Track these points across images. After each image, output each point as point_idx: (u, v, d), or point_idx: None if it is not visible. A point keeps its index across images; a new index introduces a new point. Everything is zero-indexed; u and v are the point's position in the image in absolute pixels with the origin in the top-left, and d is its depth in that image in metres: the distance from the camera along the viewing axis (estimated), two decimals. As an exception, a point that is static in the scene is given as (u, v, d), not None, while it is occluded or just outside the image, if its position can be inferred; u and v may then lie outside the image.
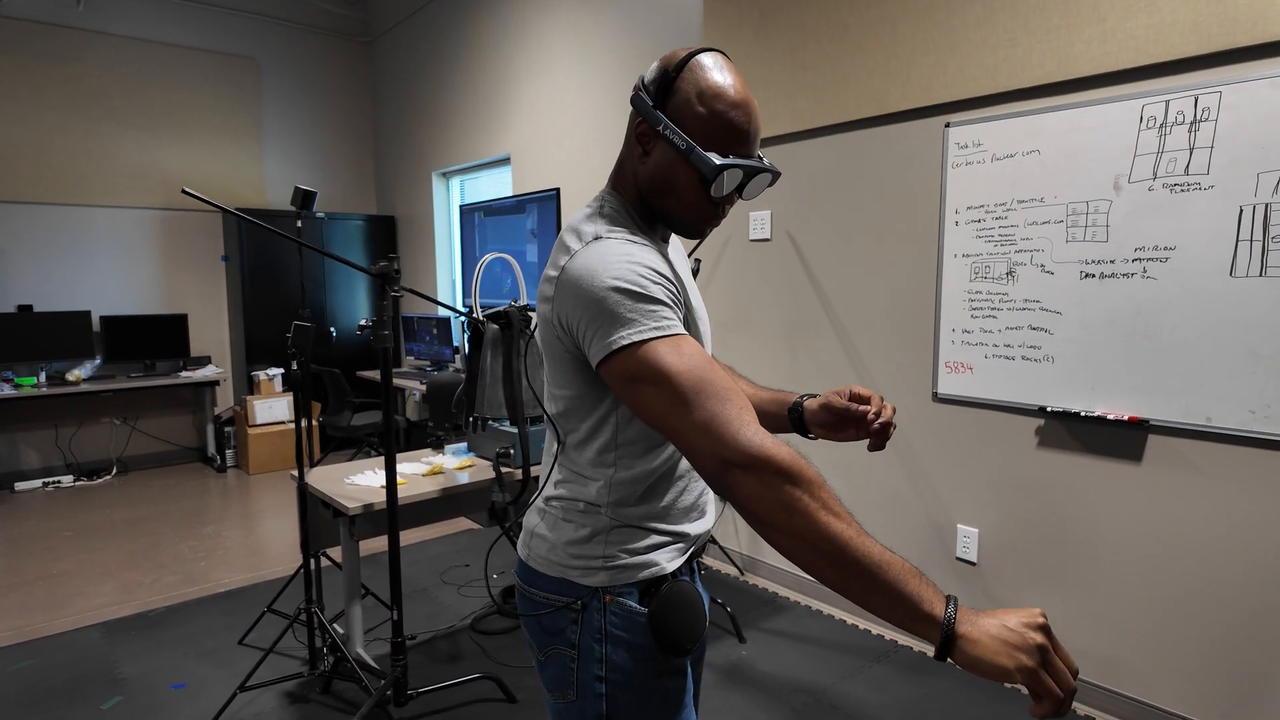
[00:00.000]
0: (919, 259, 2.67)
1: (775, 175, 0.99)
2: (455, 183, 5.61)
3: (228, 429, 5.41)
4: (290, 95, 5.88)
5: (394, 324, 6.10)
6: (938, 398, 2.66)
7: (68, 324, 4.94)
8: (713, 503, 1.12)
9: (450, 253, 5.65)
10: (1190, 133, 2.01)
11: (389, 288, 1.95)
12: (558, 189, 4.13)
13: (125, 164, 5.21)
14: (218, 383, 5.38)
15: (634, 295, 0.87)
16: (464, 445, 2.82)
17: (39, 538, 3.95)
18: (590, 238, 0.94)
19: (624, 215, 1.01)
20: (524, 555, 1.07)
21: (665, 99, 0.95)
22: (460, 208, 4.97)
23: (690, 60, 0.94)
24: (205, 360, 5.51)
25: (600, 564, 1.00)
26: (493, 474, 2.48)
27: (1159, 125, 2.06)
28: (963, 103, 2.50)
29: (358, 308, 5.89)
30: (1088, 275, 2.23)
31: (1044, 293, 2.33)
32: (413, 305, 6.07)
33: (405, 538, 3.92)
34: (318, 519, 2.48)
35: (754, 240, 3.25)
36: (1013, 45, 2.33)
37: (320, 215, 5.70)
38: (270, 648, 2.41)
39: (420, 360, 5.50)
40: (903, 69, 2.62)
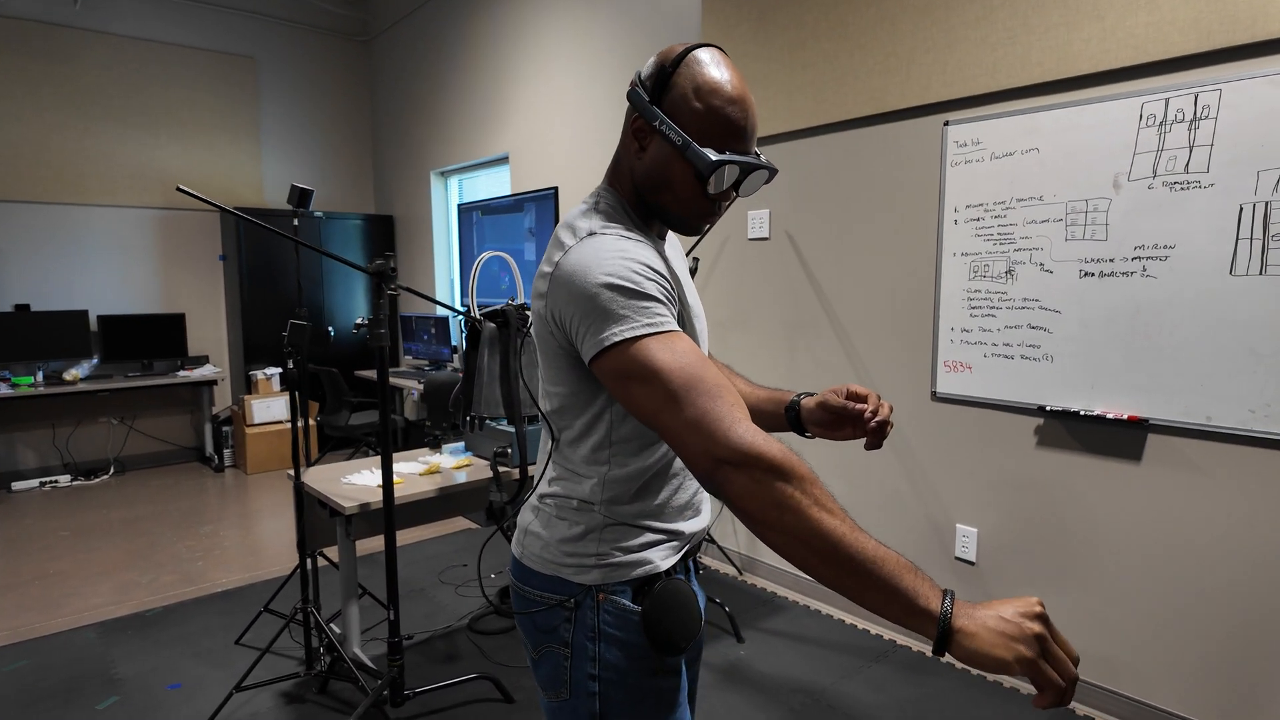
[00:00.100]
0: (918, 258, 2.67)
1: (772, 172, 0.98)
2: (453, 182, 5.60)
3: (225, 429, 5.40)
4: (289, 94, 5.87)
5: (391, 323, 6.10)
6: (936, 397, 2.65)
7: (65, 323, 4.93)
8: (708, 501, 1.11)
9: (448, 252, 5.64)
10: (1190, 130, 2.00)
11: (385, 286, 1.95)
12: (556, 188, 4.12)
13: (123, 163, 5.20)
14: (215, 382, 5.37)
15: (627, 291, 0.86)
16: (461, 445, 2.81)
17: (36, 538, 3.94)
18: (584, 233, 0.93)
19: (620, 211, 1.00)
20: (518, 553, 1.06)
21: (662, 94, 0.94)
22: (458, 207, 4.96)
23: (687, 55, 0.94)
24: (203, 360, 5.50)
25: (594, 562, 0.99)
26: (490, 473, 2.47)
27: (1159, 123, 2.05)
28: (962, 101, 2.49)
29: (356, 307, 5.87)
30: (1087, 274, 2.22)
31: (1043, 291, 2.32)
32: (411, 305, 6.06)
33: (402, 537, 3.91)
34: (314, 519, 2.47)
35: (752, 239, 3.24)
36: (1012, 43, 2.33)
37: (318, 214, 5.68)
38: (266, 648, 2.40)
39: (418, 360, 5.49)
40: (902, 67, 2.61)
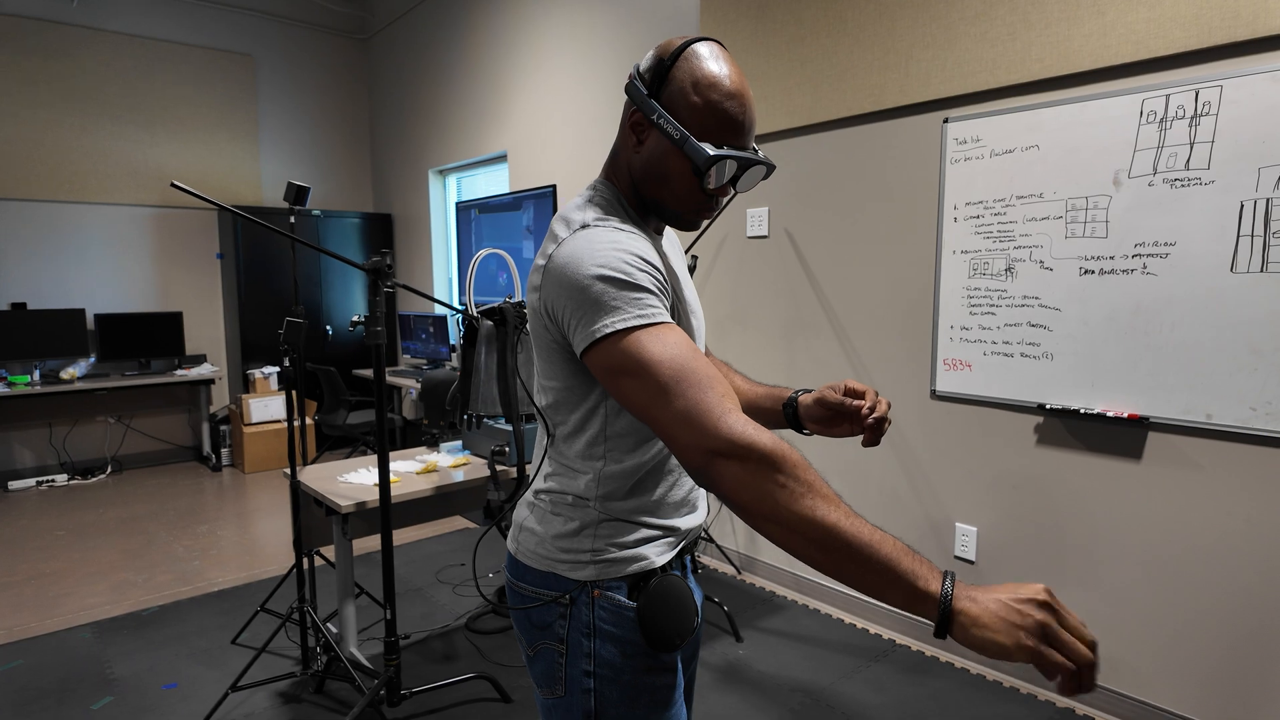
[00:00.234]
0: (917, 256, 2.66)
1: (770, 168, 0.97)
2: (452, 180, 5.58)
3: (223, 427, 5.39)
4: (286, 92, 5.86)
5: (389, 322, 6.08)
6: (936, 395, 2.64)
7: (62, 322, 4.91)
8: (704, 497, 1.10)
9: (447, 250, 5.63)
10: (1191, 127, 1.99)
11: (381, 283, 1.93)
12: (554, 186, 4.11)
13: (120, 161, 5.18)
14: (213, 381, 5.35)
15: (619, 283, 0.85)
16: (459, 443, 2.80)
17: (32, 537, 3.92)
18: (578, 225, 0.93)
19: (616, 205, 0.99)
20: (513, 549, 1.06)
21: (660, 88, 0.93)
22: (456, 205, 4.95)
23: (686, 49, 0.93)
24: (201, 359, 5.49)
25: (589, 558, 0.98)
26: (488, 472, 2.46)
27: (1159, 120, 2.04)
28: (961, 98, 2.48)
29: (354, 306, 5.86)
30: (1087, 271, 2.21)
31: (1043, 289, 2.31)
32: (409, 303, 6.05)
33: (400, 537, 3.89)
34: (311, 518, 2.46)
35: (751, 237, 3.23)
36: (1012, 39, 2.31)
37: (316, 213, 5.67)
38: (263, 647, 2.39)
39: (416, 359, 5.47)
40: (901, 63, 2.60)
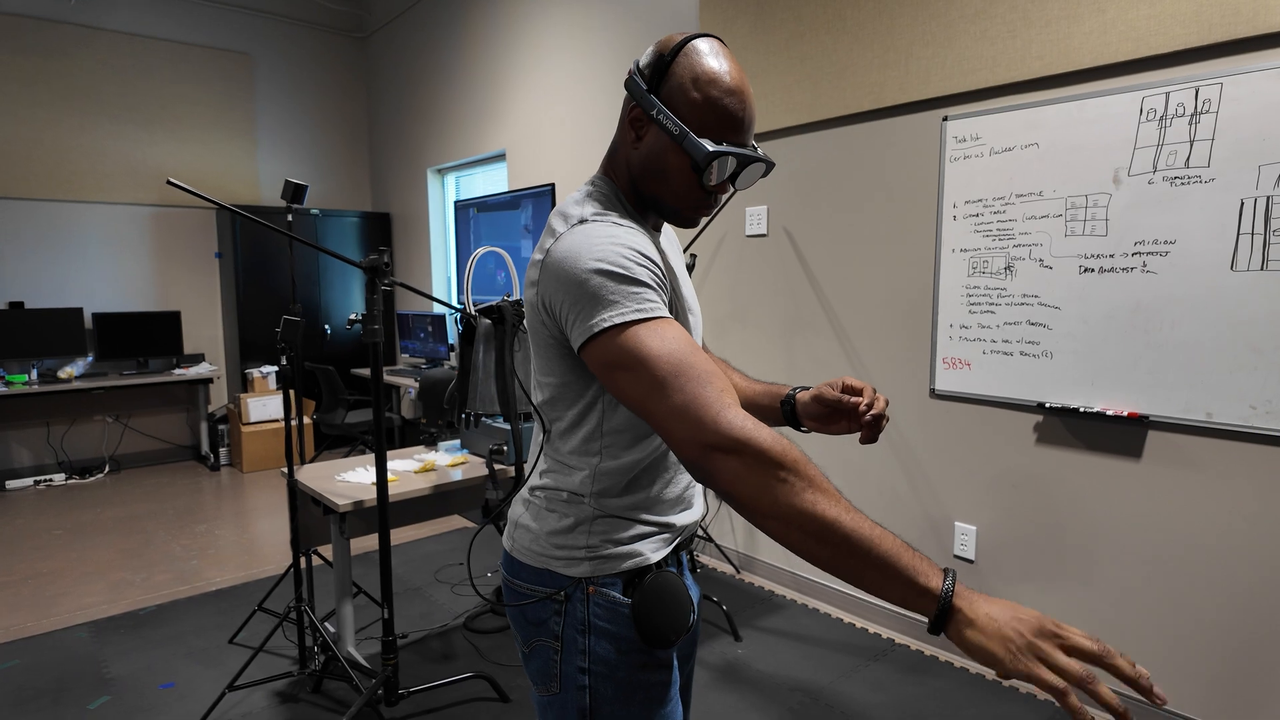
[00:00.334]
0: (916, 254, 2.65)
1: (769, 165, 0.97)
2: (450, 179, 5.58)
3: (221, 427, 5.38)
4: (284, 91, 5.85)
5: (387, 321, 6.08)
6: (935, 394, 2.63)
7: (59, 321, 4.90)
8: (700, 494, 1.10)
9: (445, 249, 5.62)
10: (1191, 125, 1.98)
11: (379, 281, 1.93)
12: (553, 184, 4.10)
13: (118, 160, 5.17)
14: (211, 380, 5.35)
15: (617, 277, 0.85)
16: (457, 442, 2.79)
17: (29, 536, 3.91)
18: (576, 220, 0.92)
19: (614, 201, 0.99)
20: (508, 546, 1.05)
21: (660, 84, 0.93)
22: (455, 204, 4.94)
23: (686, 45, 0.92)
24: (199, 358, 5.48)
25: (584, 554, 0.98)
26: (486, 471, 2.45)
27: (1159, 117, 2.03)
28: (961, 95, 2.47)
29: (352, 305, 5.85)
30: (1087, 270, 2.21)
31: (1043, 287, 2.31)
32: (407, 303, 6.04)
33: (398, 536, 3.89)
34: (309, 517, 2.45)
35: (750, 236, 3.22)
36: (1012, 37, 2.31)
37: (315, 212, 5.66)
38: (260, 646, 2.38)
39: (415, 358, 5.46)
40: (900, 61, 2.59)
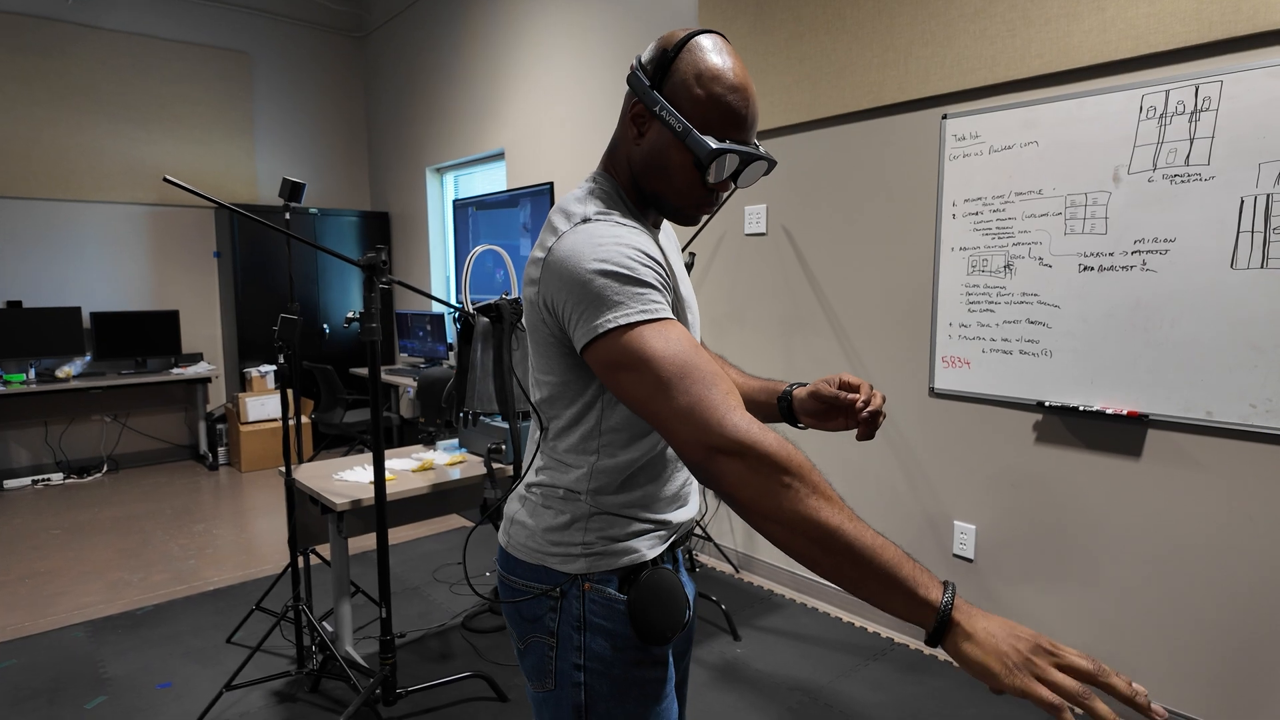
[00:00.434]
0: (915, 253, 2.64)
1: (771, 163, 0.97)
2: (449, 178, 5.57)
3: (220, 426, 5.37)
4: (283, 90, 5.84)
5: (386, 320, 6.07)
6: (934, 393, 2.63)
7: (57, 320, 4.89)
8: (695, 491, 1.10)
9: (444, 249, 5.61)
10: (1190, 123, 1.98)
11: (376, 279, 1.92)
12: (551, 183, 4.09)
13: (116, 159, 5.16)
14: (210, 380, 5.34)
15: (621, 278, 0.84)
16: (455, 441, 2.79)
17: (26, 536, 3.90)
18: (579, 219, 0.92)
19: (616, 198, 0.98)
20: (504, 542, 1.05)
21: (662, 80, 0.92)
22: (454, 203, 4.93)
23: (689, 41, 0.92)
24: (197, 357, 5.47)
25: (580, 551, 0.98)
26: (484, 470, 2.44)
27: (1159, 115, 2.03)
28: (960, 94, 2.47)
29: (351, 304, 5.84)
30: (1086, 268, 2.20)
31: (1042, 286, 2.30)
32: (406, 302, 6.03)
33: (396, 535, 3.88)
34: (306, 516, 2.44)
35: (749, 235, 3.22)
36: (1011, 35, 2.30)
37: (313, 211, 5.65)
38: (257, 646, 2.37)
39: (414, 357, 5.46)
40: (900, 60, 2.59)
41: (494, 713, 2.28)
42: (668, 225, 1.14)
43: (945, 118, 2.48)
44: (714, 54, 0.91)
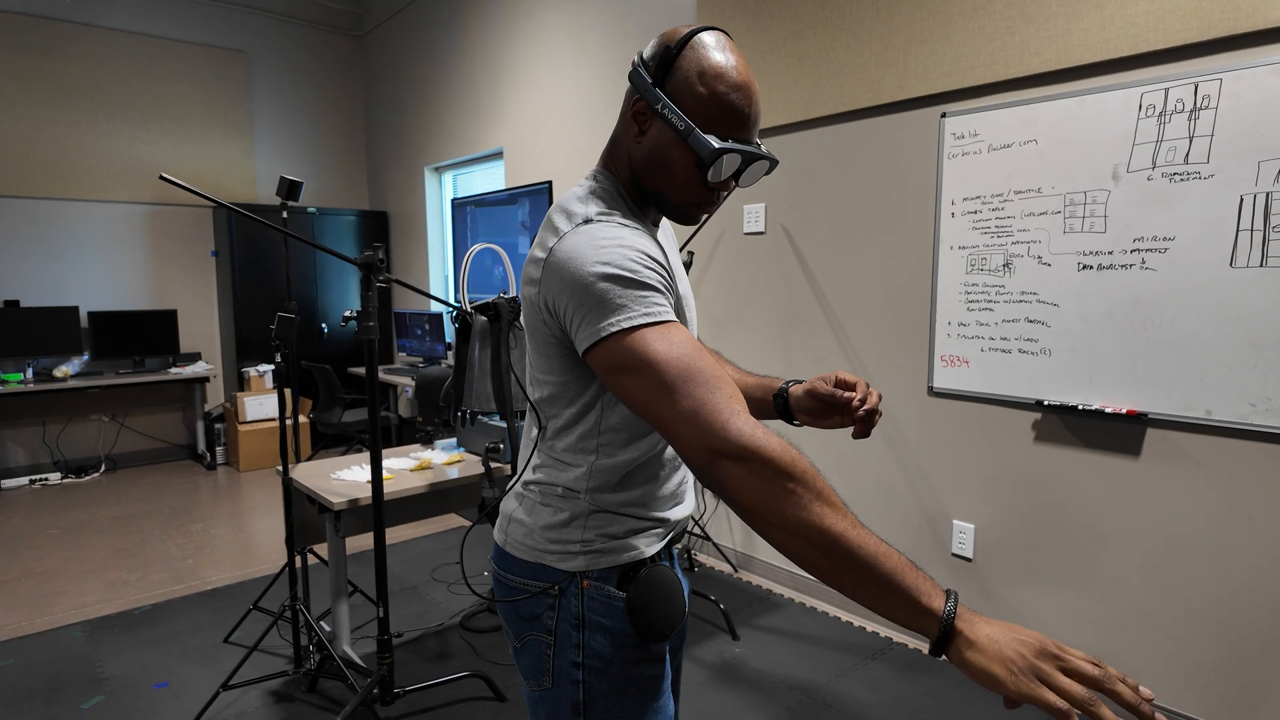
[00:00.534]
0: (914, 251, 2.64)
1: (773, 163, 0.96)
2: (448, 177, 5.56)
3: (218, 426, 5.36)
4: (281, 89, 5.83)
5: (385, 319, 6.06)
6: (933, 392, 2.62)
7: (55, 319, 4.88)
8: (691, 489, 1.10)
9: (443, 248, 5.61)
10: (1190, 121, 1.97)
11: (374, 277, 1.91)
12: (550, 182, 4.09)
13: (114, 158, 5.15)
14: (208, 379, 5.33)
15: (624, 281, 0.84)
16: (454, 440, 2.78)
17: (24, 535, 3.89)
18: (581, 220, 0.91)
19: (617, 198, 0.97)
20: (500, 541, 1.05)
21: (664, 77, 0.91)
22: (452, 202, 4.93)
23: (692, 38, 0.91)
24: (195, 356, 5.46)
25: (578, 548, 0.97)
26: (482, 469, 2.44)
27: (1158, 113, 2.02)
28: (959, 92, 2.47)
29: (350, 304, 5.84)
30: (1085, 267, 2.20)
31: (1041, 285, 2.30)
32: (405, 301, 6.03)
33: (395, 535, 3.87)
34: (304, 515, 2.44)
35: (748, 234, 3.21)
36: (1010, 33, 2.30)
37: (311, 210, 5.64)
38: (254, 646, 2.37)
39: (412, 357, 5.45)
40: (898, 58, 2.58)
41: (492, 713, 2.27)
42: (666, 223, 1.13)
43: (944, 116, 2.48)
44: (717, 51, 0.90)
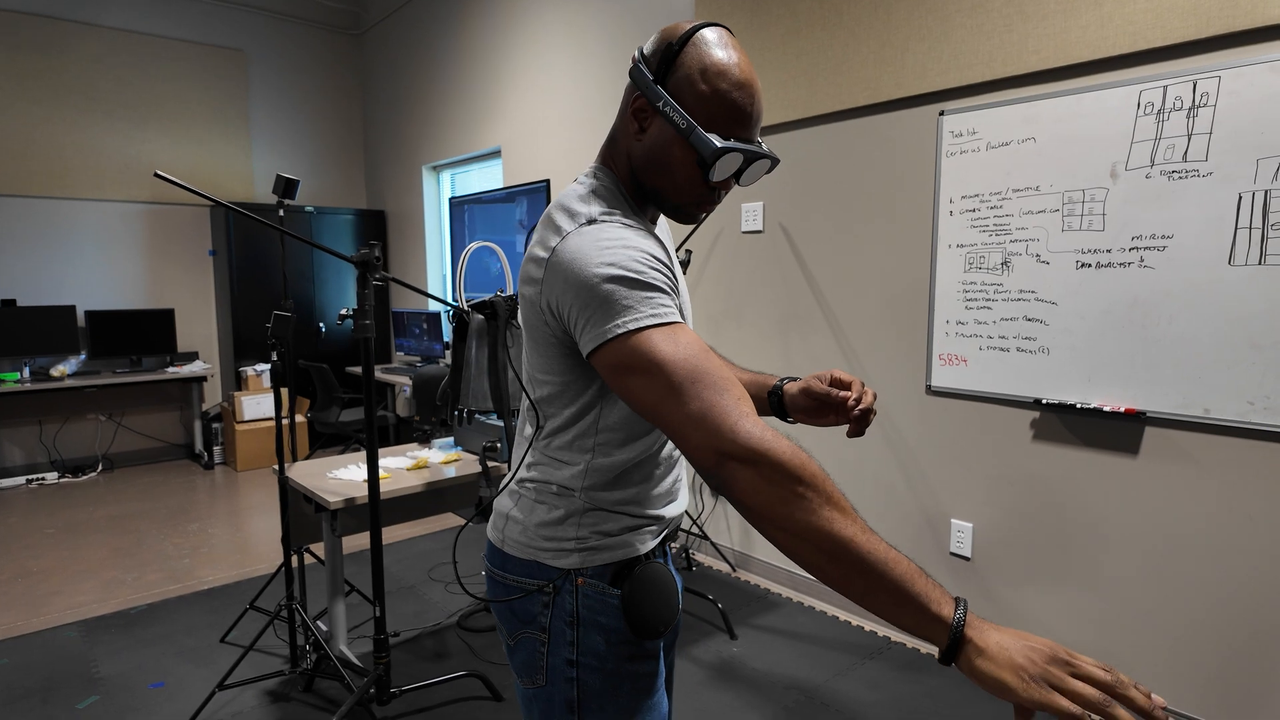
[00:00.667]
0: (913, 250, 2.63)
1: (774, 162, 0.95)
2: (446, 176, 5.55)
3: (215, 425, 5.35)
4: (279, 88, 5.82)
5: (383, 318, 6.05)
6: (931, 390, 2.62)
7: (52, 319, 4.87)
8: (685, 486, 1.09)
9: (441, 247, 5.60)
10: (1188, 118, 1.97)
11: (370, 276, 1.91)
12: (548, 180, 4.08)
13: (111, 157, 5.14)
14: (205, 379, 5.32)
15: (630, 282, 0.83)
16: (451, 439, 2.77)
17: (20, 535, 3.88)
18: (584, 220, 0.89)
19: (618, 196, 0.96)
20: (495, 539, 1.04)
21: (666, 74, 0.90)
22: (450, 200, 4.92)
23: (694, 34, 0.89)
24: (193, 356, 5.45)
25: (573, 545, 0.97)
26: (479, 468, 2.43)
27: (1156, 111, 2.02)
28: (957, 90, 2.46)
29: (347, 303, 5.82)
30: (1084, 265, 2.19)
31: (1039, 283, 2.29)
32: (403, 300, 6.02)
33: (392, 534, 3.87)
34: (300, 514, 2.43)
35: (746, 232, 3.21)
36: (1008, 31, 2.29)
37: (309, 209, 5.63)
38: (250, 645, 2.36)
39: (410, 356, 5.44)
40: (896, 56, 2.58)
41: (489, 712, 2.27)
42: (663, 221, 1.13)
43: (942, 114, 2.47)
44: (719, 48, 0.89)
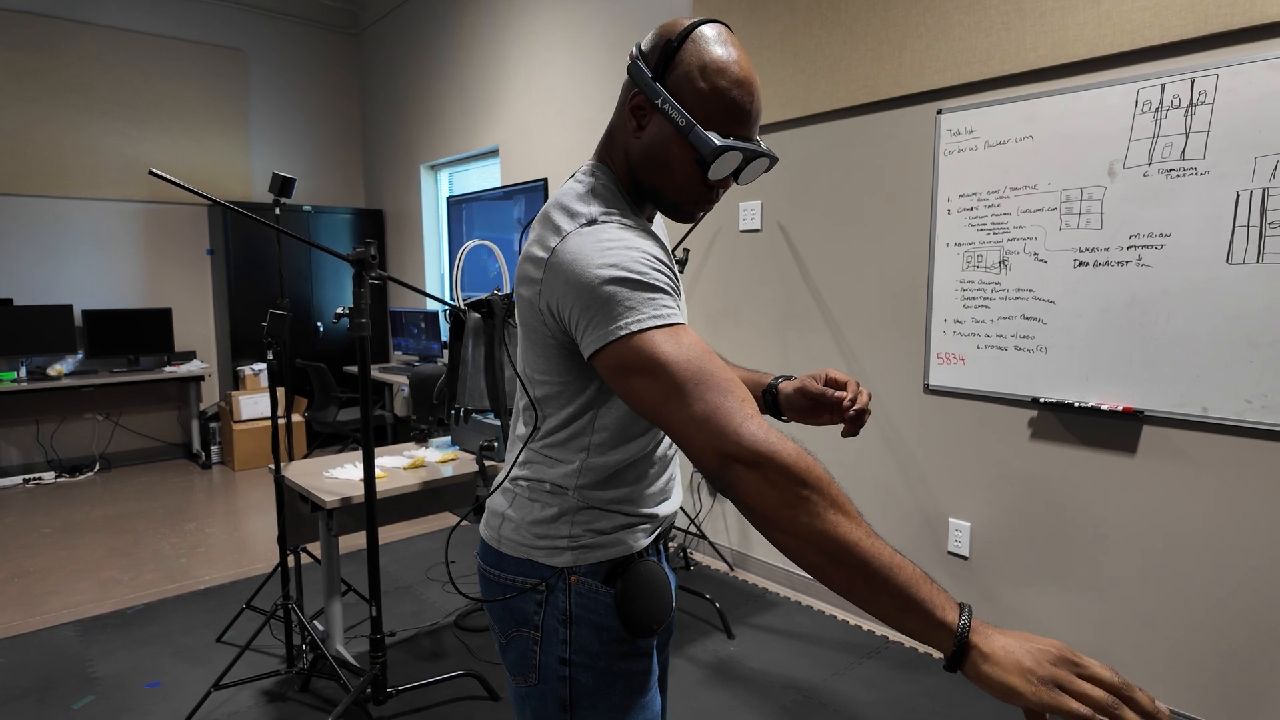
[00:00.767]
0: (910, 249, 2.63)
1: (773, 160, 0.94)
2: (444, 175, 5.55)
3: (213, 425, 5.34)
4: (277, 87, 5.81)
5: (381, 318, 6.04)
6: (929, 389, 2.61)
7: (49, 318, 4.86)
8: (679, 485, 1.09)
9: (439, 246, 5.59)
10: (1186, 117, 1.96)
11: (366, 274, 1.90)
12: (546, 179, 4.08)
13: (109, 156, 5.13)
14: (203, 378, 5.31)
15: (632, 283, 0.82)
16: (448, 439, 2.77)
17: (17, 535, 3.88)
18: (584, 220, 0.88)
19: (617, 195, 0.95)
20: (487, 536, 1.03)
21: (664, 71, 0.89)
22: (448, 199, 4.91)
23: (693, 31, 0.89)
24: (190, 355, 5.44)
25: (566, 544, 0.97)
26: (476, 467, 2.42)
27: (1154, 109, 2.02)
28: (955, 88, 2.46)
29: (345, 302, 5.82)
30: (1081, 263, 2.19)
31: (1037, 282, 2.29)
32: (401, 299, 6.01)
33: (389, 534, 3.86)
34: (297, 514, 2.43)
35: (744, 231, 3.20)
36: (1006, 29, 2.29)
37: (307, 208, 5.63)
38: (246, 645, 2.36)
39: (408, 355, 5.44)
40: (894, 54, 2.57)
41: (486, 712, 2.26)
42: (658, 219, 1.12)
43: (940, 112, 2.47)
44: (719, 46, 0.88)
